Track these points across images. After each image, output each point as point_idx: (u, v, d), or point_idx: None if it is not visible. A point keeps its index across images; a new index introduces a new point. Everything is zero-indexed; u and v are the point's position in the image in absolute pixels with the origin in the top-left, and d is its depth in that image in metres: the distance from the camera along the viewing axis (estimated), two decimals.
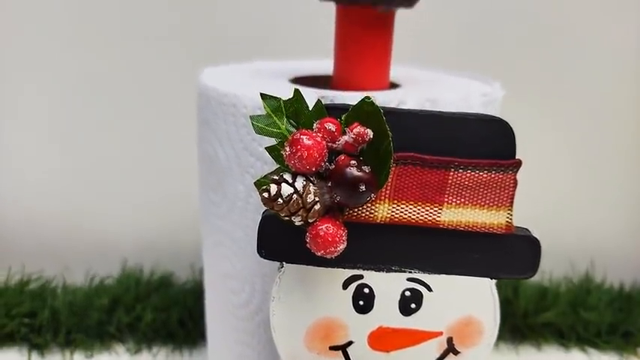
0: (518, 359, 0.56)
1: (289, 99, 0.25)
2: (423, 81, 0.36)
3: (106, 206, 0.64)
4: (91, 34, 0.60)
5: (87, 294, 0.58)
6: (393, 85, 0.36)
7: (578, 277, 0.63)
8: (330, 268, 0.26)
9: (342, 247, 0.24)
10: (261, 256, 0.27)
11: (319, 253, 0.24)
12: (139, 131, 0.63)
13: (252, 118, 0.25)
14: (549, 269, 0.62)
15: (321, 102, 0.24)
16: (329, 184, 0.23)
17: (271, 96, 0.25)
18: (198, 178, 0.37)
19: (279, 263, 0.27)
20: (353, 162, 0.23)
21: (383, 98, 0.28)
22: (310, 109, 0.25)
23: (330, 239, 0.23)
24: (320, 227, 0.24)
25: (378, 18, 0.32)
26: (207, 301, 0.39)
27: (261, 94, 0.25)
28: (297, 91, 0.25)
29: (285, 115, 0.25)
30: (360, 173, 0.23)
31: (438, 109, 0.29)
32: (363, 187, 0.23)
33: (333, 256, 0.24)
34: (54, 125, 0.63)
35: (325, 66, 0.37)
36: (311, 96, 0.27)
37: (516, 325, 0.57)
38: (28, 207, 0.64)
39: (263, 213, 0.26)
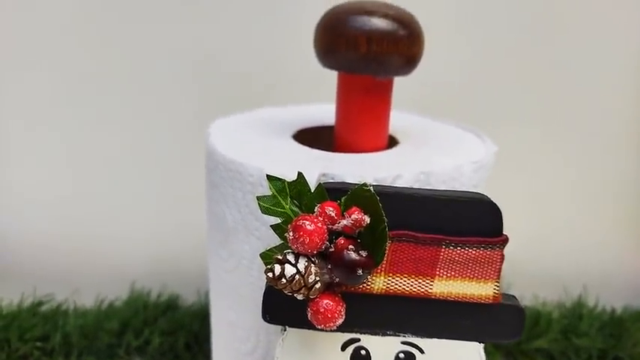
0: None
1: (293, 181, 0.27)
2: (417, 138, 0.37)
3: (115, 231, 0.65)
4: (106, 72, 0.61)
5: (97, 317, 0.58)
6: (392, 140, 0.37)
7: (571, 301, 0.63)
8: (329, 332, 0.28)
9: (340, 321, 0.26)
10: (265, 320, 0.29)
11: (319, 327, 0.26)
12: (149, 161, 0.63)
13: (258, 198, 0.27)
14: (543, 294, 0.63)
15: (322, 186, 0.26)
16: (329, 266, 0.25)
17: (276, 177, 0.27)
18: (206, 231, 0.38)
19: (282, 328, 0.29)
20: (351, 246, 0.25)
21: (380, 172, 0.30)
22: (312, 191, 0.27)
23: (329, 315, 0.25)
24: (320, 303, 0.25)
25: (378, 85, 0.34)
26: (214, 341, 0.41)
27: (268, 176, 0.27)
28: (300, 174, 0.27)
29: (289, 195, 0.27)
30: (357, 257, 0.25)
31: (432, 181, 0.31)
32: (360, 272, 0.25)
33: (332, 329, 0.26)
34: (67, 154, 0.63)
35: (329, 112, 0.39)
36: (314, 168, 0.29)
37: (510, 351, 0.58)
38: (39, 232, 0.65)
39: (267, 283, 0.28)
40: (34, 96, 0.61)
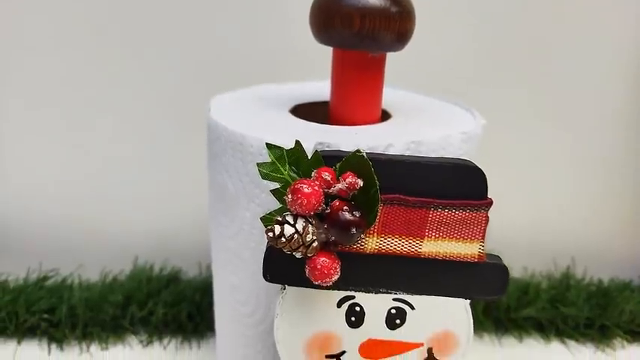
0: (501, 350, 0.59)
1: (291, 149, 0.29)
2: (409, 111, 0.39)
3: (118, 208, 0.66)
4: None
5: (101, 290, 0.60)
6: (384, 114, 0.39)
7: (560, 273, 0.65)
8: (326, 290, 0.31)
9: (336, 277, 0.28)
10: (266, 280, 0.31)
11: (316, 283, 0.28)
12: (150, 139, 0.65)
13: (258, 165, 0.29)
14: (532, 266, 0.66)
15: (318, 153, 0.28)
16: (325, 226, 0.27)
17: (276, 145, 0.29)
18: (208, 200, 0.40)
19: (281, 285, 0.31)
20: (346, 207, 0.27)
21: (373, 141, 0.32)
22: (309, 157, 0.29)
23: (325, 271, 0.28)
24: (317, 261, 0.28)
25: (371, 61, 0.36)
26: (216, 308, 0.43)
27: (267, 144, 0.29)
28: (297, 142, 0.29)
29: (288, 162, 0.29)
30: (351, 217, 0.27)
31: (422, 150, 0.33)
32: (354, 230, 0.27)
33: (328, 285, 0.28)
34: (71, 132, 0.65)
35: (323, 89, 0.41)
36: (310, 139, 0.31)
37: (499, 319, 0.60)
38: (44, 209, 0.66)
39: (267, 244, 0.30)
40: (35, 75, 0.63)
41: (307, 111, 0.39)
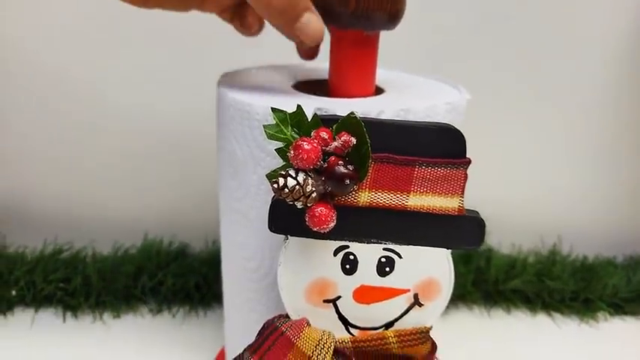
0: (491, 321, 0.63)
1: (293, 112, 0.33)
2: (401, 87, 0.44)
3: (130, 186, 0.70)
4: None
5: (114, 262, 0.64)
6: (378, 90, 0.43)
7: (547, 250, 0.69)
8: (323, 240, 0.34)
9: (332, 224, 0.32)
10: (271, 230, 0.35)
11: (315, 229, 0.32)
12: (161, 120, 0.68)
13: (264, 126, 0.33)
14: (521, 243, 0.69)
15: (317, 115, 0.32)
16: (323, 178, 0.32)
17: (279, 109, 0.33)
18: (217, 167, 0.44)
19: (284, 236, 0.35)
20: (341, 162, 0.31)
21: (366, 108, 0.36)
22: (309, 120, 0.33)
23: (323, 218, 0.32)
24: (316, 209, 0.32)
25: (366, 39, 0.40)
26: (224, 266, 0.47)
27: (272, 108, 0.33)
28: (299, 106, 0.33)
29: (290, 124, 0.33)
30: (346, 170, 0.31)
31: (410, 117, 0.37)
32: (348, 181, 0.31)
33: (325, 231, 0.32)
34: (87, 115, 0.68)
35: (323, 69, 0.44)
36: (310, 108, 0.35)
37: (488, 292, 0.65)
38: (60, 186, 0.70)
39: (272, 198, 0.34)
40: (48, 56, 0.66)
41: (308, 86, 0.43)
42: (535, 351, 0.59)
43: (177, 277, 0.63)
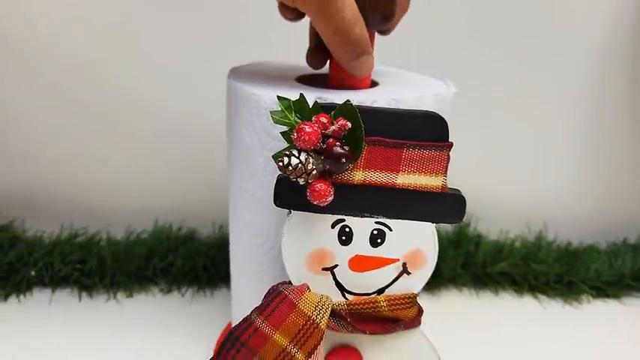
0: (479, 302, 0.67)
1: (296, 100, 0.37)
2: (394, 81, 0.48)
3: (142, 175, 0.73)
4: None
5: (127, 245, 0.68)
6: (373, 83, 0.48)
7: (533, 236, 0.73)
8: (322, 214, 0.39)
9: (330, 199, 0.37)
10: (276, 205, 0.39)
11: (315, 203, 0.37)
12: (173, 111, 0.72)
13: (271, 112, 0.38)
14: (508, 229, 0.73)
15: (317, 103, 0.37)
16: (322, 158, 0.36)
17: (284, 97, 0.38)
18: (227, 153, 0.49)
19: (287, 211, 0.40)
20: (338, 143, 0.36)
21: (362, 98, 0.41)
22: (310, 107, 0.37)
23: (322, 193, 0.36)
24: (316, 185, 0.36)
25: None
26: (232, 244, 0.52)
27: (278, 96, 0.38)
28: (301, 94, 0.37)
29: (293, 110, 0.38)
30: (342, 151, 0.36)
31: (400, 106, 0.41)
32: (344, 160, 0.36)
33: (324, 205, 0.37)
34: (99, 110, 0.72)
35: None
36: (312, 96, 0.40)
37: (477, 274, 0.68)
38: (75, 175, 0.73)
39: (278, 176, 0.39)
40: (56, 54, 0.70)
41: (310, 80, 0.48)
42: (521, 330, 0.62)
43: (186, 259, 0.67)
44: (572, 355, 0.59)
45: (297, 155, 0.36)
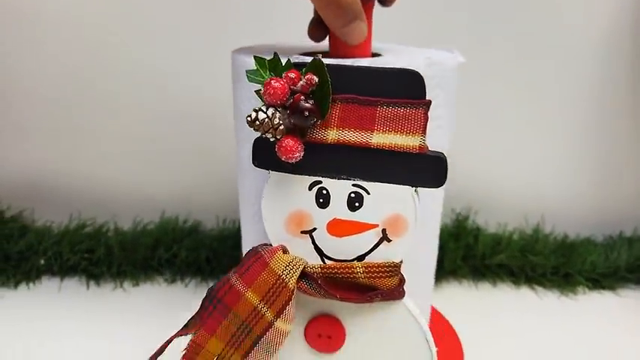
0: (478, 294, 0.64)
1: (271, 59, 0.35)
2: (398, 52, 0.44)
3: (149, 168, 0.71)
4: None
5: (133, 235, 0.66)
6: (375, 55, 0.44)
7: (531, 229, 0.69)
8: (299, 175, 0.36)
9: (298, 155, 0.33)
10: (254, 165, 0.36)
11: (283, 159, 0.34)
12: (178, 102, 0.69)
13: (246, 71, 0.35)
14: (505, 222, 0.69)
15: (289, 60, 0.34)
16: (288, 113, 0.33)
17: (260, 57, 0.35)
18: (234, 130, 0.47)
19: (267, 172, 0.37)
20: (303, 98, 0.33)
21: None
22: (284, 65, 0.35)
23: (289, 149, 0.33)
24: (284, 142, 0.33)
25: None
26: (242, 213, 0.49)
27: (254, 56, 0.35)
28: (275, 53, 0.35)
29: (268, 69, 0.35)
30: (307, 104, 0.33)
31: None
32: (307, 114, 0.33)
33: (293, 161, 0.34)
34: (106, 101, 0.69)
35: (325, 44, 0.46)
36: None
37: (476, 266, 0.65)
38: (83, 167, 0.72)
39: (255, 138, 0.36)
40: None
41: (313, 55, 0.45)
42: (519, 321, 0.59)
43: (190, 250, 0.65)
44: (568, 345, 0.55)
45: (264, 110, 0.33)
